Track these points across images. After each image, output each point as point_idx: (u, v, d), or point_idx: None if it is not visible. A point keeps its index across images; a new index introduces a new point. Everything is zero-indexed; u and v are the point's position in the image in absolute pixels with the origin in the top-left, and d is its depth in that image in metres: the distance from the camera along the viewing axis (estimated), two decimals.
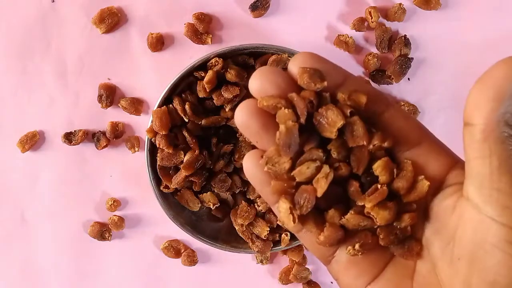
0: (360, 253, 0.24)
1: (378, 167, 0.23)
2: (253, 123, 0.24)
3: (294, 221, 0.23)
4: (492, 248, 0.20)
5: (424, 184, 0.23)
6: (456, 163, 0.24)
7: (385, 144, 0.23)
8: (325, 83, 0.23)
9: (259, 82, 0.23)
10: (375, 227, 0.24)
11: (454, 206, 0.23)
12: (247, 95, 0.41)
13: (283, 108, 0.23)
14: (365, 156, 0.23)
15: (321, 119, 0.23)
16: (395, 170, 0.24)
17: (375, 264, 0.25)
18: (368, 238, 0.24)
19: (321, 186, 0.23)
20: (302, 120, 0.23)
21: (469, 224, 0.21)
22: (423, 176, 0.23)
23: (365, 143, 0.23)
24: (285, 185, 0.23)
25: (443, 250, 0.23)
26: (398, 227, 0.24)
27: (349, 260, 0.25)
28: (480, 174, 0.21)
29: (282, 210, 0.24)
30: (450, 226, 0.23)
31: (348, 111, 0.23)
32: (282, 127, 0.23)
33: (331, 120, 0.23)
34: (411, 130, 0.24)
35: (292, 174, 0.23)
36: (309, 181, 0.23)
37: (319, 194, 0.23)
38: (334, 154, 0.23)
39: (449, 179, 0.24)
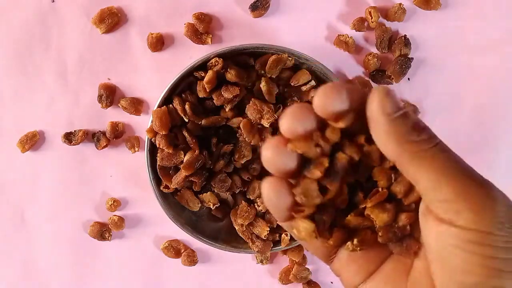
0: (358, 248, 0.25)
1: (376, 173, 0.24)
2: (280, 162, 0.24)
3: (317, 237, 0.24)
4: (454, 249, 0.21)
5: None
6: None
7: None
8: (363, 139, 0.24)
9: (289, 121, 0.23)
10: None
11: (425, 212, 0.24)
12: (247, 95, 0.41)
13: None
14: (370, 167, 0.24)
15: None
16: (392, 175, 0.24)
17: (373, 260, 0.26)
18: (367, 235, 0.25)
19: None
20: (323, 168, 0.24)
21: (432, 229, 0.22)
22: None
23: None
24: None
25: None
26: (397, 225, 0.24)
27: (349, 257, 0.26)
28: (424, 190, 0.22)
29: (303, 230, 0.24)
30: (423, 231, 0.24)
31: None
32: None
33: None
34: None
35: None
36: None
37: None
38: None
39: None
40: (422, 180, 0.22)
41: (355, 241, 0.25)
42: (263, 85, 0.40)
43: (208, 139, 0.42)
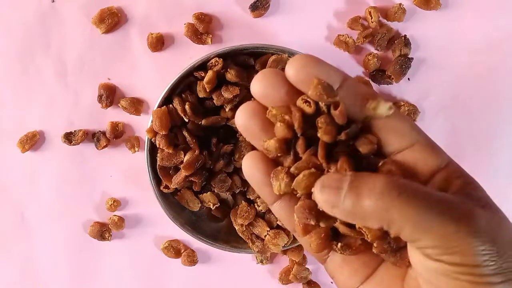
0: (345, 252, 0.25)
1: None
2: (253, 125, 0.24)
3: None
4: (444, 277, 0.22)
5: None
6: (446, 164, 0.24)
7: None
8: (337, 98, 0.23)
9: (261, 85, 0.24)
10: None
11: None
12: (247, 95, 0.41)
13: (279, 124, 0.24)
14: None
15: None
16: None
17: (368, 264, 0.26)
18: (355, 242, 0.25)
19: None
20: (299, 133, 0.24)
21: (420, 259, 0.23)
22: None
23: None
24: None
25: None
26: (391, 237, 0.24)
27: (343, 259, 0.26)
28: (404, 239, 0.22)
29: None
30: (411, 256, 0.24)
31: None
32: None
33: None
34: (405, 131, 0.24)
35: (292, 187, 0.24)
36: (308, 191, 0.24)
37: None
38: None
39: (432, 183, 0.24)
40: (402, 234, 0.22)
41: (339, 245, 0.25)
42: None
43: (208, 139, 0.42)
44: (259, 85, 0.24)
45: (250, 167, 0.25)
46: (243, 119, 0.25)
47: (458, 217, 0.21)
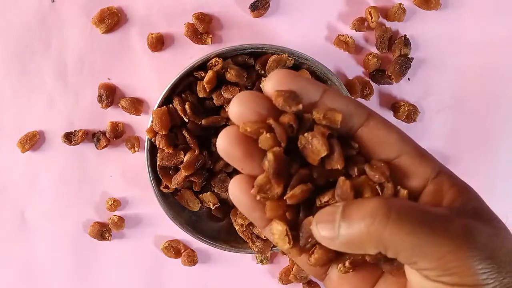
0: (351, 270, 0.24)
1: (360, 187, 0.23)
2: (236, 151, 0.23)
3: (289, 243, 0.24)
4: None
5: (403, 193, 0.23)
6: (437, 173, 0.24)
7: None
8: (300, 106, 0.23)
9: (239, 108, 0.23)
10: None
11: None
12: None
13: (264, 133, 0.23)
14: (348, 189, 0.23)
15: (306, 145, 0.23)
16: (378, 187, 0.24)
17: (366, 280, 0.25)
18: (358, 256, 0.24)
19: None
20: (283, 145, 0.23)
21: (417, 278, 0.22)
22: (399, 187, 0.23)
23: (339, 167, 0.23)
24: (281, 206, 0.24)
25: None
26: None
27: (340, 277, 0.25)
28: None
29: (276, 232, 0.24)
30: (408, 274, 0.24)
31: (327, 134, 0.23)
32: (270, 155, 0.23)
33: (315, 149, 0.23)
34: (391, 142, 0.24)
35: (284, 198, 0.23)
36: (299, 202, 0.23)
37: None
38: (318, 181, 0.24)
39: (423, 196, 0.24)
40: (399, 257, 0.22)
41: (346, 263, 0.24)
42: (263, 85, 0.40)
43: (208, 139, 0.42)
44: (236, 108, 0.23)
45: (238, 193, 0.24)
46: (224, 146, 0.23)
47: (453, 236, 0.21)
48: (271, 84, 0.23)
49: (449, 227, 0.21)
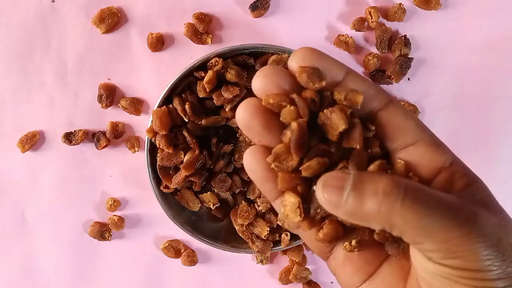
0: (356, 249, 0.24)
1: (373, 169, 0.23)
2: (255, 123, 0.24)
3: (301, 215, 0.23)
4: (445, 280, 0.21)
5: (400, 165, 0.24)
6: (450, 163, 0.24)
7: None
8: (324, 83, 0.23)
9: (262, 81, 0.23)
10: None
11: None
12: (247, 95, 0.41)
13: (288, 106, 0.23)
14: (364, 161, 0.23)
15: (325, 120, 0.23)
16: (389, 172, 0.24)
17: (371, 262, 0.25)
18: (365, 235, 0.24)
19: None
20: (305, 119, 0.23)
21: (421, 260, 0.22)
22: (411, 173, 0.24)
23: (358, 147, 0.23)
24: (294, 179, 0.23)
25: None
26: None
27: (346, 257, 0.26)
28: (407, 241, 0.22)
29: (288, 204, 0.24)
30: (412, 256, 0.24)
31: (349, 113, 0.23)
32: (294, 125, 0.23)
33: (334, 123, 0.23)
34: (409, 128, 0.24)
35: (300, 168, 0.23)
36: (314, 176, 0.23)
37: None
38: (335, 155, 0.23)
39: (435, 182, 0.24)
40: (404, 236, 0.22)
41: (353, 242, 0.24)
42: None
43: (208, 139, 0.42)
44: (260, 81, 0.23)
45: (251, 162, 0.25)
46: (244, 117, 0.24)
47: (461, 221, 0.21)
48: (296, 60, 0.23)
49: (458, 213, 0.21)
